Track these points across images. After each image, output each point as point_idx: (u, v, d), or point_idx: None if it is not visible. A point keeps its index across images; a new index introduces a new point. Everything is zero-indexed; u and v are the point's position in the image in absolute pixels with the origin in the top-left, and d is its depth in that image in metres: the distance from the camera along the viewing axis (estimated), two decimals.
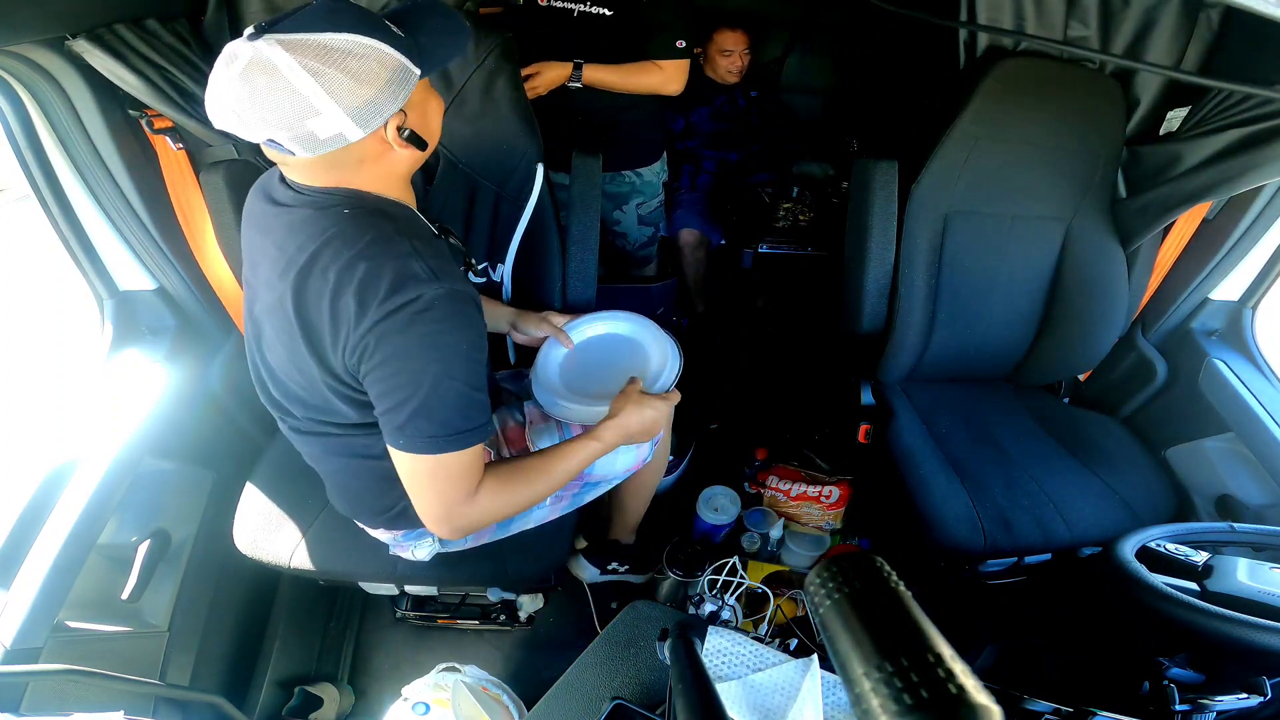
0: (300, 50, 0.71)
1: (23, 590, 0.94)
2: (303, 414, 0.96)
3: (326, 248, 0.81)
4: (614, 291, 1.96)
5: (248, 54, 0.71)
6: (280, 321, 0.87)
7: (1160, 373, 1.54)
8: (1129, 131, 1.41)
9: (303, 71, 0.71)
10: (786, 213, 2.29)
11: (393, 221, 0.83)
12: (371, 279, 0.78)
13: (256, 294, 0.93)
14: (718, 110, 2.34)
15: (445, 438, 0.82)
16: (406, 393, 0.80)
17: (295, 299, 0.83)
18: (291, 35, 0.72)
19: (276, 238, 0.86)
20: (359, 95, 0.74)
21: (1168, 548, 0.99)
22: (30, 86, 1.04)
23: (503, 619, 1.62)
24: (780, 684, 0.80)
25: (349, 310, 0.79)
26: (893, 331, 1.52)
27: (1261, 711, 0.83)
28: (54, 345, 1.91)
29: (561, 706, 0.84)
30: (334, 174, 0.83)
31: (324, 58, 0.72)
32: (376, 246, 0.80)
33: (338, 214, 0.82)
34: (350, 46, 0.73)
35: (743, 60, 2.25)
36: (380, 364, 0.80)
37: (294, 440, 1.05)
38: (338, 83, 0.72)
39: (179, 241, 1.30)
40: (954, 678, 0.30)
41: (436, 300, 0.78)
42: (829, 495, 1.79)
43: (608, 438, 1.01)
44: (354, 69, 0.73)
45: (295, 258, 0.83)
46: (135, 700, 1.02)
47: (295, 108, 0.72)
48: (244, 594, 1.47)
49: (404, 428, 0.82)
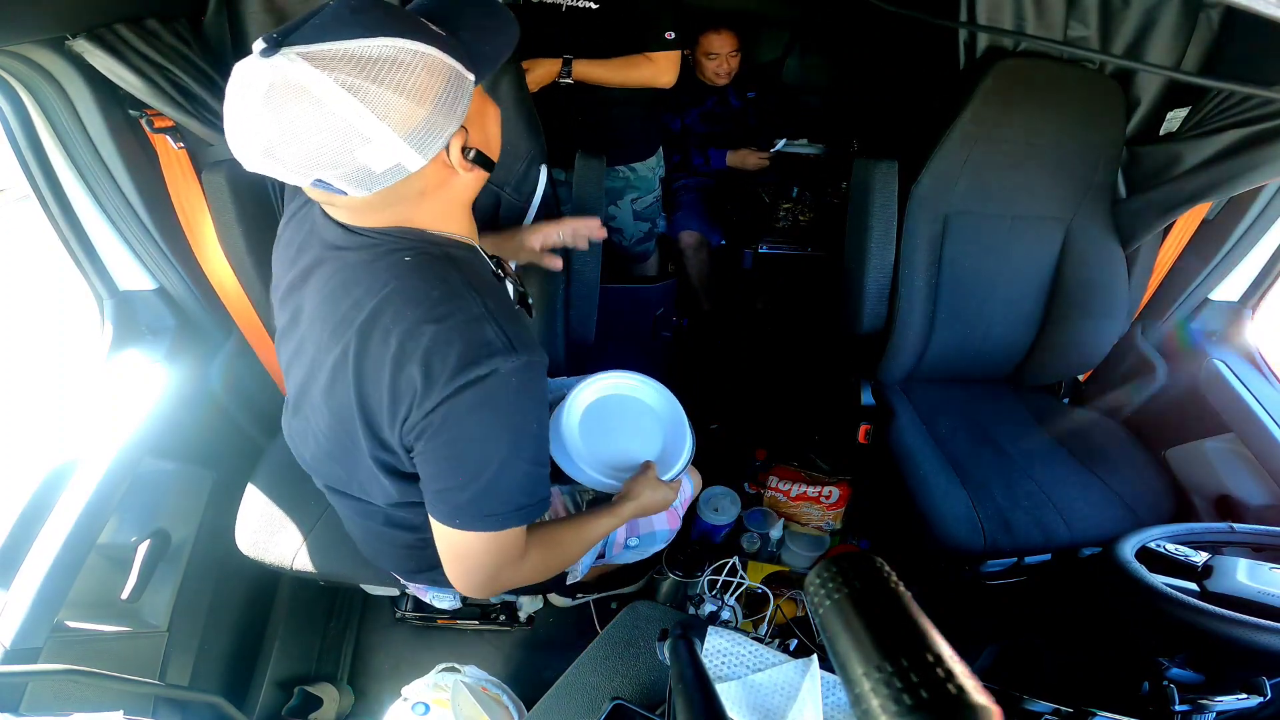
0: (332, 64, 0.58)
1: (22, 590, 0.94)
2: (344, 485, 0.91)
3: (387, 306, 0.70)
4: (614, 291, 1.95)
5: (266, 76, 0.58)
6: (330, 386, 0.77)
7: (1160, 373, 1.54)
8: (1129, 132, 1.41)
9: (341, 91, 0.58)
10: (786, 213, 2.29)
11: (459, 270, 0.73)
12: (440, 348, 0.68)
13: (300, 349, 0.83)
14: (709, 112, 2.34)
15: (506, 515, 0.76)
16: (469, 475, 0.72)
17: (354, 366, 0.72)
18: (316, 46, 0.58)
19: (325, 287, 0.76)
20: (414, 114, 0.61)
21: (1167, 548, 0.99)
22: (30, 86, 1.04)
23: (502, 619, 1.62)
24: (780, 684, 0.80)
25: (413, 383, 0.69)
26: (893, 332, 1.52)
27: (1261, 711, 0.83)
28: (54, 345, 1.91)
29: (561, 706, 0.84)
30: (391, 211, 0.72)
31: (363, 71, 0.59)
32: (445, 306, 0.69)
33: (397, 261, 0.71)
34: (392, 54, 0.60)
35: (730, 63, 2.22)
36: (443, 445, 0.71)
37: (328, 496, 0.99)
38: (386, 101, 0.60)
39: (179, 241, 1.30)
40: (954, 678, 0.30)
41: (511, 375, 0.69)
42: (829, 495, 1.79)
43: (626, 514, 1.04)
44: (402, 82, 0.60)
45: (350, 315, 0.72)
46: (135, 700, 1.02)
47: (340, 138, 0.60)
48: (244, 594, 1.47)
49: (462, 508, 0.74)
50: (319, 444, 0.88)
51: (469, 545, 0.78)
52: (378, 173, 0.63)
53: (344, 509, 1.01)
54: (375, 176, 0.64)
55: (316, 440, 0.88)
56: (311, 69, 0.58)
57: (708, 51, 2.19)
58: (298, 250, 0.81)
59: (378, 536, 0.99)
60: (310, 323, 0.79)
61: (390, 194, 0.68)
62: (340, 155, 0.61)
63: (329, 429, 0.83)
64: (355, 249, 0.74)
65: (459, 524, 0.76)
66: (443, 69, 0.63)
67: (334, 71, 0.58)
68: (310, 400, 0.84)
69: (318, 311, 0.77)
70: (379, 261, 0.72)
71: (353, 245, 0.74)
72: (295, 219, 0.84)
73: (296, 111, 0.59)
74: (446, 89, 0.64)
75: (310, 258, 0.79)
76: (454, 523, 0.76)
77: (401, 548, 0.99)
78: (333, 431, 0.82)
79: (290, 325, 0.85)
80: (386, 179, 0.64)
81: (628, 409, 1.22)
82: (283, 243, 0.86)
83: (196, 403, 1.35)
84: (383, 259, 0.72)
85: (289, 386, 0.90)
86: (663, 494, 1.09)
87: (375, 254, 0.73)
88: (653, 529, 1.21)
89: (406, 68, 0.61)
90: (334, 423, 0.80)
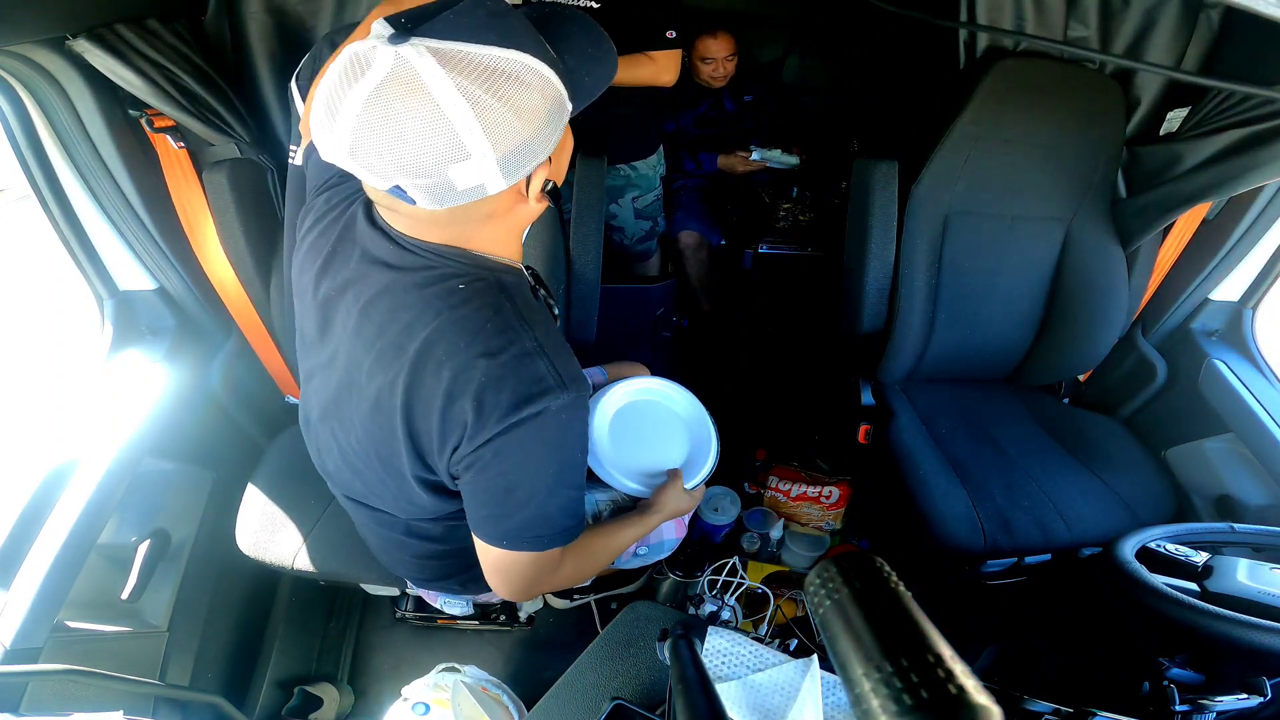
0: (461, 68, 0.54)
1: (23, 590, 0.94)
2: (365, 497, 0.91)
3: (441, 337, 0.69)
4: (615, 291, 1.95)
5: (388, 63, 0.54)
6: (370, 415, 0.76)
7: (1160, 373, 1.54)
8: (1129, 132, 1.41)
9: (461, 99, 0.54)
10: (786, 213, 2.29)
11: (511, 299, 0.71)
12: (493, 384, 0.67)
13: (331, 362, 0.81)
14: (703, 115, 2.32)
15: (552, 537, 0.78)
16: (516, 505, 0.74)
17: (405, 395, 0.71)
18: (450, 44, 0.54)
19: (370, 308, 0.73)
20: (518, 136, 0.58)
21: (1168, 548, 0.99)
22: (30, 86, 1.04)
23: (503, 619, 1.62)
24: (780, 684, 0.80)
25: (464, 417, 0.68)
26: (892, 332, 1.52)
27: (1261, 712, 0.83)
28: (54, 345, 1.91)
29: (561, 706, 0.84)
30: (453, 230, 0.69)
31: (488, 82, 0.55)
32: (499, 339, 0.68)
33: (451, 289, 0.69)
34: (518, 70, 0.56)
35: (726, 67, 2.20)
36: (494, 477, 0.72)
37: (345, 504, 0.99)
38: (499, 119, 0.56)
39: (179, 241, 1.30)
40: (954, 678, 0.30)
41: (562, 411, 0.69)
42: (829, 495, 1.79)
43: (654, 524, 1.07)
44: (517, 101, 0.57)
45: (400, 342, 0.70)
46: (135, 700, 1.02)
47: (443, 147, 0.56)
48: (244, 594, 1.47)
49: (510, 532, 0.76)
50: (345, 458, 0.87)
51: (513, 561, 0.80)
52: (460, 189, 0.60)
53: (361, 517, 1.00)
54: (456, 193, 0.61)
55: (344, 454, 0.87)
56: (438, 67, 0.54)
57: (703, 56, 2.18)
58: (330, 256, 0.78)
59: (397, 546, 1.00)
60: (347, 339, 0.77)
61: (460, 212, 0.65)
62: (434, 165, 0.57)
63: (362, 447, 0.82)
64: (407, 269, 0.70)
65: (506, 545, 0.78)
66: (554, 94, 0.61)
67: (460, 76, 0.54)
68: (343, 416, 0.82)
69: (359, 330, 0.75)
70: (431, 287, 0.70)
71: (405, 265, 0.70)
72: (328, 219, 0.80)
73: (408, 109, 0.55)
74: (551, 115, 0.61)
75: (350, 270, 0.75)
76: (501, 544, 0.78)
77: (418, 557, 1.00)
78: (365, 450, 0.81)
79: (321, 335, 0.82)
80: (464, 197, 0.61)
81: (656, 414, 1.24)
82: (307, 243, 0.82)
83: (196, 403, 1.35)
84: (435, 284, 0.70)
85: (310, 393, 0.88)
86: (688, 501, 1.12)
87: (427, 278, 0.70)
88: (661, 538, 1.22)
89: (526, 86, 0.57)
90: (371, 443, 0.80)
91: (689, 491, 1.13)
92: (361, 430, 0.80)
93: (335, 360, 0.80)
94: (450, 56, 0.54)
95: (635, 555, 1.23)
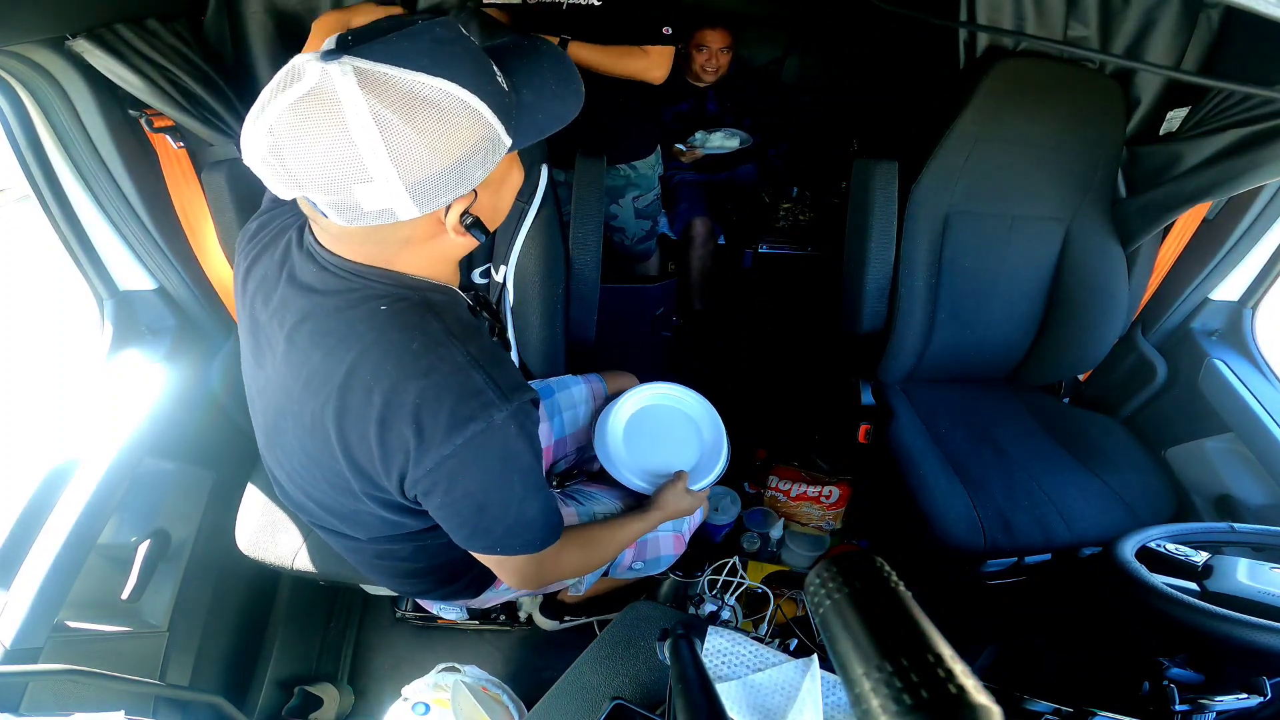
0: (380, 89, 0.54)
1: (23, 590, 0.94)
2: (326, 521, 0.91)
3: (364, 360, 0.67)
4: (614, 291, 1.95)
5: (314, 77, 0.54)
6: (308, 439, 0.75)
7: (1160, 373, 1.54)
8: (1129, 132, 1.41)
9: (370, 122, 0.54)
10: (786, 213, 2.29)
11: (439, 317, 0.70)
12: (430, 404, 0.66)
13: (265, 388, 0.81)
14: (681, 113, 2.31)
15: (543, 538, 0.81)
16: (495, 518, 0.74)
17: (336, 422, 0.70)
18: (378, 66, 0.55)
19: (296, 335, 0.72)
20: (428, 166, 0.58)
21: (1168, 548, 0.99)
22: (30, 86, 1.04)
23: (502, 619, 1.62)
24: (780, 684, 0.80)
25: (405, 442, 0.67)
26: (892, 332, 1.52)
27: (1261, 712, 0.83)
28: (54, 345, 1.91)
29: (561, 706, 0.84)
30: (369, 249, 0.69)
31: (405, 109, 0.55)
32: (428, 358, 0.67)
33: (373, 311, 0.68)
34: (441, 99, 0.56)
35: (719, 60, 2.20)
36: (461, 498, 0.71)
37: (319, 533, 0.99)
38: (409, 146, 0.56)
39: (179, 241, 1.30)
40: (954, 678, 0.30)
41: (508, 422, 0.68)
42: (829, 495, 1.79)
43: (655, 521, 1.10)
44: (433, 131, 0.56)
45: (327, 370, 0.69)
46: (135, 700, 1.02)
47: (344, 166, 0.56)
48: (244, 594, 1.46)
49: (500, 540, 0.77)
50: (295, 484, 0.87)
51: (513, 563, 0.83)
52: (366, 210, 0.60)
53: (343, 547, 1.01)
54: (362, 213, 0.60)
55: (293, 480, 0.87)
56: (357, 88, 0.54)
57: (699, 44, 2.18)
58: (262, 279, 0.78)
59: (370, 567, 1.01)
60: (278, 366, 0.76)
61: (372, 233, 0.65)
62: (337, 183, 0.57)
63: (307, 472, 0.81)
64: (329, 293, 0.70)
65: (500, 551, 0.80)
66: (481, 128, 0.60)
67: (376, 97, 0.55)
68: (285, 443, 0.82)
69: (287, 356, 0.74)
70: (354, 310, 0.69)
71: (328, 289, 0.70)
72: (271, 230, 0.80)
73: (319, 125, 0.55)
74: (475, 150, 0.60)
75: (278, 295, 0.75)
76: (495, 551, 0.80)
77: (396, 576, 1.01)
78: (311, 475, 0.81)
79: (256, 360, 0.82)
80: (373, 219, 0.61)
81: (673, 419, 1.29)
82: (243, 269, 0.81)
83: (196, 403, 1.35)
84: (358, 307, 0.69)
85: (256, 418, 0.87)
86: (689, 502, 1.14)
87: (349, 300, 0.69)
88: (659, 554, 1.23)
89: (447, 117, 0.57)
90: (315, 468, 0.79)
91: (693, 492, 1.14)
92: (303, 455, 0.79)
93: (269, 386, 0.80)
94: (373, 78, 0.55)
95: (630, 569, 1.23)
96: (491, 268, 1.37)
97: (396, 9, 1.14)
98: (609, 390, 1.36)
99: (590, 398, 1.34)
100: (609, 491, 1.22)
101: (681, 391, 1.31)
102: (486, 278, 1.39)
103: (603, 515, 1.17)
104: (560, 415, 1.30)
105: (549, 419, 1.29)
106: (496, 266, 1.36)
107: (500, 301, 1.36)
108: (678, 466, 1.20)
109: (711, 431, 1.27)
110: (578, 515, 1.16)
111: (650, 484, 1.16)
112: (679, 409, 1.30)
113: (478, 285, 1.36)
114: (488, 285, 1.39)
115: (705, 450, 1.25)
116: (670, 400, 1.31)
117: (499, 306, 1.36)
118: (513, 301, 1.37)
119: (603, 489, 1.23)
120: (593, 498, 1.20)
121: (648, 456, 1.22)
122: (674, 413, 1.30)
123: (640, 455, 1.22)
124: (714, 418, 1.29)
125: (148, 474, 1.23)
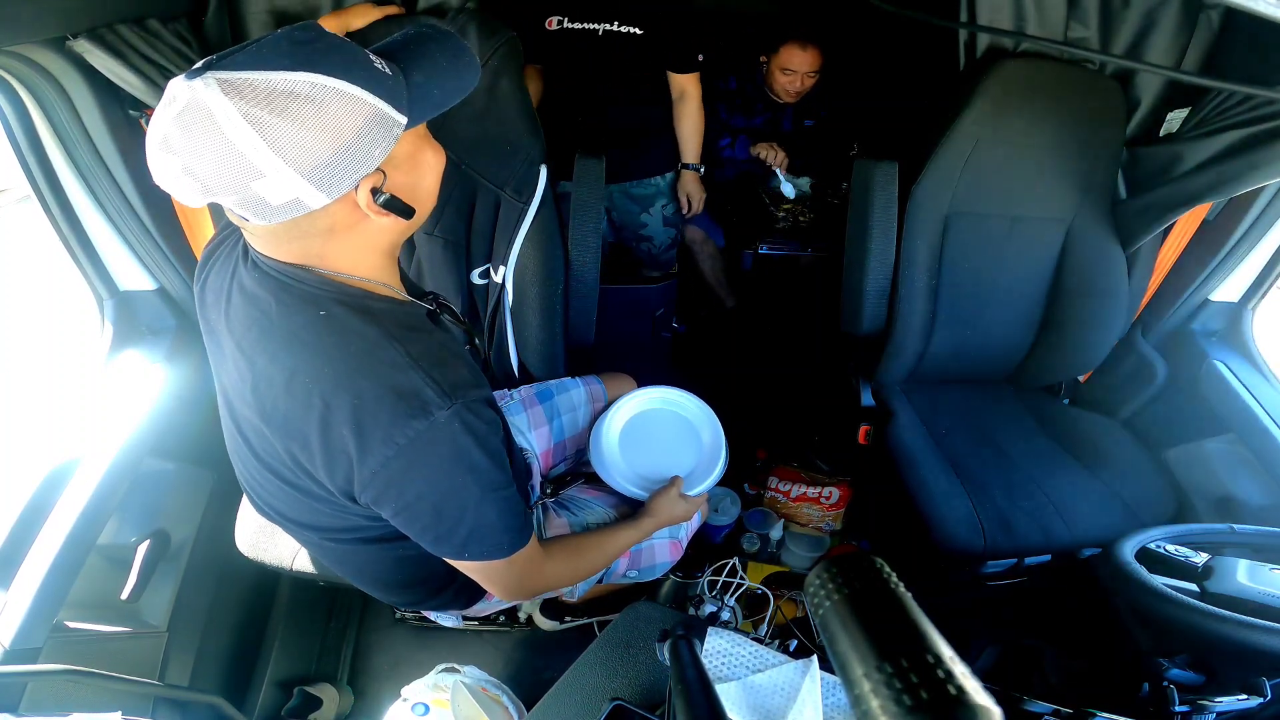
0: (243, 94, 0.57)
1: (22, 590, 0.94)
2: (301, 532, 0.91)
3: (304, 365, 0.69)
4: (614, 292, 1.96)
5: (185, 97, 0.58)
6: (261, 441, 0.78)
7: (1160, 374, 1.54)
8: (1129, 132, 1.41)
9: (242, 122, 0.57)
10: (786, 213, 2.29)
11: (378, 322, 0.71)
12: (370, 406, 0.67)
13: (226, 399, 0.83)
14: (755, 128, 2.25)
15: (510, 543, 0.79)
16: (454, 520, 0.73)
17: (282, 427, 0.72)
18: (238, 74, 0.58)
19: (243, 343, 0.74)
20: (314, 152, 0.60)
21: (1167, 549, 0.99)
22: (30, 86, 1.04)
23: (502, 619, 1.62)
24: (780, 685, 0.80)
25: (347, 445, 0.68)
26: (893, 332, 1.52)
27: (1261, 712, 0.82)
28: (54, 345, 1.91)
29: (561, 707, 0.84)
30: (298, 246, 0.69)
31: (271, 105, 0.58)
32: (365, 361, 0.68)
33: (313, 317, 0.70)
34: (307, 90, 0.59)
35: (805, 83, 2.07)
36: (414, 502, 0.71)
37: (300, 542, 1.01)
38: (285, 136, 0.58)
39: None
40: (954, 679, 0.30)
41: (452, 420, 0.68)
42: (829, 496, 1.79)
43: (648, 529, 1.09)
44: (308, 119, 0.59)
45: (270, 375, 0.71)
46: (134, 700, 1.02)
47: (235, 166, 0.59)
48: (244, 594, 1.46)
49: (465, 545, 0.76)
50: (256, 492, 0.88)
51: (488, 569, 0.82)
52: (274, 205, 0.62)
53: (325, 557, 1.01)
54: (274, 209, 0.62)
55: (251, 487, 0.89)
56: (222, 96, 0.57)
57: (785, 66, 2.04)
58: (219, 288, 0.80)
59: (368, 579, 1.01)
60: (233, 373, 0.77)
61: (294, 227, 0.66)
62: (236, 184, 0.60)
63: (265, 478, 0.83)
64: (271, 299, 0.71)
65: (468, 557, 0.78)
66: (364, 110, 0.62)
67: (242, 101, 0.57)
68: (241, 454, 0.84)
69: (237, 363, 0.76)
70: (296, 316, 0.70)
71: (269, 294, 0.71)
72: (226, 246, 0.83)
73: (199, 135, 0.58)
74: (364, 130, 0.62)
75: (232, 301, 0.77)
76: (464, 557, 0.78)
77: (384, 588, 1.02)
78: (269, 481, 0.82)
79: (218, 366, 0.84)
80: (284, 213, 0.63)
81: (671, 423, 1.29)
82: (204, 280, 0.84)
83: (196, 403, 1.35)
84: (299, 314, 0.70)
85: (224, 427, 0.89)
86: (684, 508, 1.13)
87: (291, 307, 0.70)
88: (654, 562, 1.23)
89: (321, 105, 0.59)
90: (269, 475, 0.81)
91: (688, 498, 1.14)
92: (256, 462, 0.81)
93: (228, 395, 0.82)
94: (235, 84, 0.57)
95: (625, 576, 1.23)
96: (490, 268, 1.37)
97: (395, 9, 1.14)
98: (608, 393, 1.36)
99: (589, 400, 1.34)
100: (604, 499, 1.22)
101: (680, 395, 1.30)
102: (485, 278, 1.38)
103: (595, 525, 1.17)
104: (559, 418, 1.30)
105: (548, 422, 1.29)
106: (495, 267, 1.36)
107: (499, 302, 1.36)
108: (674, 472, 1.19)
109: (710, 436, 1.27)
110: (569, 526, 1.16)
111: (645, 490, 1.15)
112: (677, 413, 1.30)
113: (476, 286, 1.36)
114: (487, 286, 1.39)
115: (703, 455, 1.24)
116: (668, 404, 1.30)
117: (498, 307, 1.36)
118: (511, 302, 1.38)
119: (598, 496, 1.23)
120: (586, 506, 1.20)
121: (644, 462, 1.21)
122: (672, 417, 1.29)
123: (636, 461, 1.21)
124: (713, 421, 1.28)
125: (148, 474, 1.24)
